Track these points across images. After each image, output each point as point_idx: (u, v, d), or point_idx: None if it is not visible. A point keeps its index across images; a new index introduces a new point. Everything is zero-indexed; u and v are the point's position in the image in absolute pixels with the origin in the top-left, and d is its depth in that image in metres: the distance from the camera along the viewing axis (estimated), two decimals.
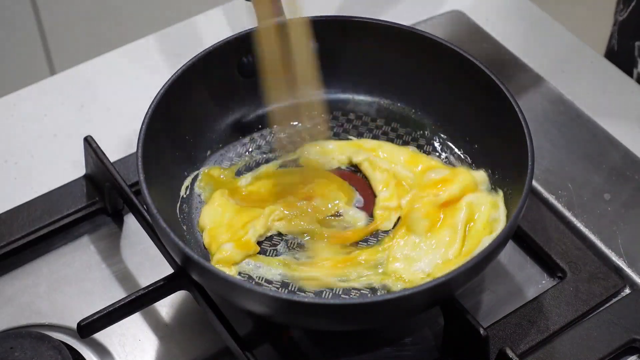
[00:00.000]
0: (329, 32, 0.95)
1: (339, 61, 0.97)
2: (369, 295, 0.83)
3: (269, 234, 0.88)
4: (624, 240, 0.93)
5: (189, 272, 0.80)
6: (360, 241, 0.87)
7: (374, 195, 0.91)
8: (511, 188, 0.87)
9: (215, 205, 0.89)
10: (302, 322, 0.83)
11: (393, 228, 0.88)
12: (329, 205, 0.89)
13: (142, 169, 0.83)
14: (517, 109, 0.87)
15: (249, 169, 0.94)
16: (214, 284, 0.80)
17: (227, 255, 0.84)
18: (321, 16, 0.94)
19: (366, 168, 0.92)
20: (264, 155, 0.95)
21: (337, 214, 0.89)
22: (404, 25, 0.95)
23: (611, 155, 1.00)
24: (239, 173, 0.93)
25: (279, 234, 0.88)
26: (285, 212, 0.88)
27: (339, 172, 0.93)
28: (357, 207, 0.90)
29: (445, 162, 0.93)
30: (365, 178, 0.92)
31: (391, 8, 1.17)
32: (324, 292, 0.84)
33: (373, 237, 0.88)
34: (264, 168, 0.93)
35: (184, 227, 0.88)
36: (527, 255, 0.92)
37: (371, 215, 0.89)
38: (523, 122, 0.86)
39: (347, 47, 0.96)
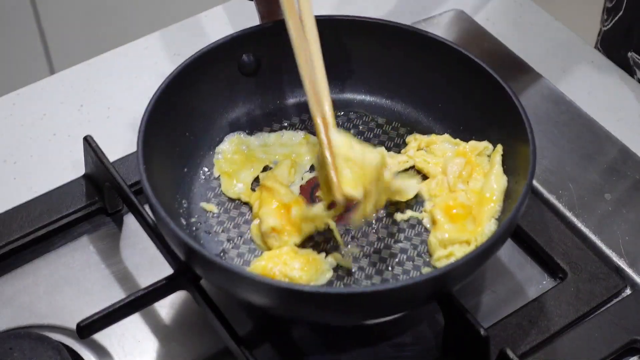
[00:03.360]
0: (329, 31, 0.95)
1: (339, 61, 0.97)
2: (369, 284, 0.83)
3: None
4: (624, 240, 0.93)
5: (192, 265, 0.80)
6: None
7: None
8: (512, 186, 0.87)
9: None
10: (303, 312, 0.83)
11: None
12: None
13: (142, 161, 0.83)
14: (519, 108, 0.87)
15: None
16: (217, 275, 0.79)
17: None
18: (320, 16, 0.94)
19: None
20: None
21: None
22: (404, 25, 0.95)
23: (612, 155, 1.00)
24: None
25: None
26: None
27: None
28: None
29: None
30: None
31: (391, 7, 1.17)
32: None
33: None
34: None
35: (184, 223, 0.88)
36: (528, 255, 0.92)
37: None
38: (525, 121, 0.86)
39: (346, 46, 0.96)
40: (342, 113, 0.98)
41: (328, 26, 0.94)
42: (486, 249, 0.78)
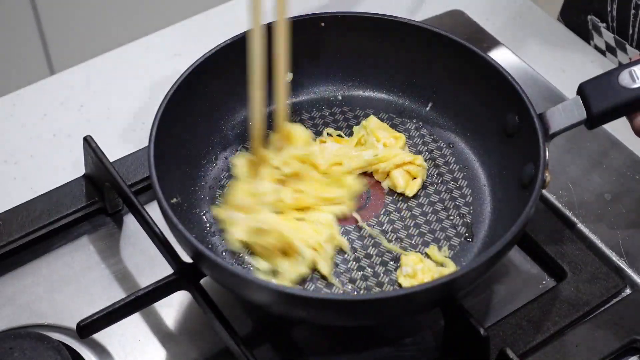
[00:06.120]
0: (330, 30, 0.95)
1: (337, 58, 0.97)
2: (374, 291, 0.84)
3: None
4: (624, 240, 0.93)
5: (200, 267, 0.80)
6: None
7: None
8: (515, 189, 0.87)
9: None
10: (307, 315, 0.83)
11: None
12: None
13: (155, 171, 0.83)
14: (528, 104, 0.87)
15: None
16: (224, 277, 0.79)
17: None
18: (321, 13, 0.94)
19: None
20: None
21: None
22: (402, 18, 0.95)
23: (612, 155, 1.00)
24: None
25: None
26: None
27: None
28: None
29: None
30: None
31: (391, 7, 1.16)
32: (334, 287, 0.84)
33: None
34: None
35: (191, 226, 0.88)
36: (528, 255, 0.92)
37: None
38: (536, 119, 0.85)
39: (346, 43, 0.96)
40: (340, 112, 0.98)
41: (327, 23, 0.95)
42: (493, 256, 0.78)
